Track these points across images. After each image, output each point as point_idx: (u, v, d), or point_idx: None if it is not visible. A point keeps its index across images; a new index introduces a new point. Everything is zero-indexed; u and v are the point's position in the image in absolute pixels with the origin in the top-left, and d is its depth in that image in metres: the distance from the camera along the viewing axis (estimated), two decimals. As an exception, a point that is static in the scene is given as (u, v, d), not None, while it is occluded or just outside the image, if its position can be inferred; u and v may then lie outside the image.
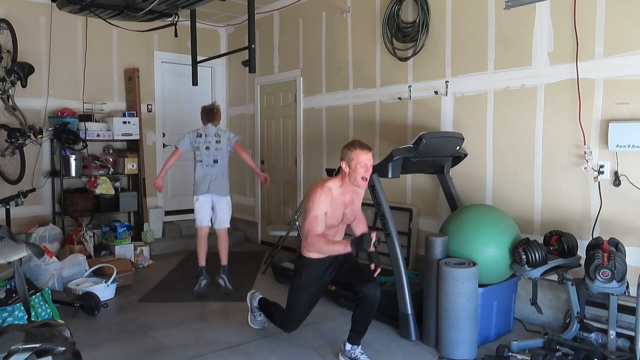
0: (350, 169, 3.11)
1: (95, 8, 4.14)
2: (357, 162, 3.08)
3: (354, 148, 3.11)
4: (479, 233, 3.36)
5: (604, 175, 3.44)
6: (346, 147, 3.16)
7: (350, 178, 3.13)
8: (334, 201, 3.17)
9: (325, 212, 3.13)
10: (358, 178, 3.11)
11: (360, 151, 3.09)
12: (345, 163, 3.13)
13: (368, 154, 3.11)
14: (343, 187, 3.20)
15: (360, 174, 3.09)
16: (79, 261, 4.75)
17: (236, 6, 6.00)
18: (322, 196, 3.13)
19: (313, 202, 3.13)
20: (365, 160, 3.09)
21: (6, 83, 5.28)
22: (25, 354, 1.78)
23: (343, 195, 3.21)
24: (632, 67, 3.29)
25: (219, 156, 4.71)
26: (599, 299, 3.19)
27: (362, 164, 3.09)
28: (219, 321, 3.96)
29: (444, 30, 4.39)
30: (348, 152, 3.12)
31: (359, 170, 3.09)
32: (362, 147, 3.11)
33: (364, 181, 3.13)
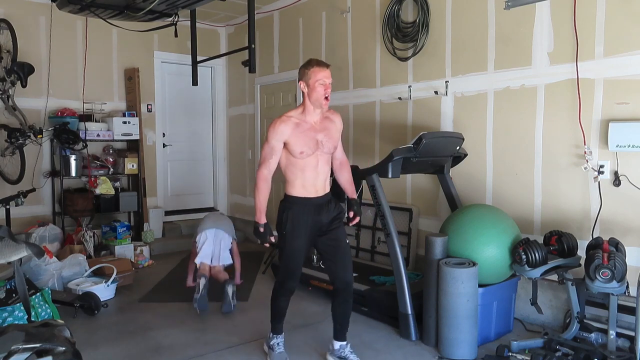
0: (309, 89, 2.95)
1: (95, 8, 4.14)
2: (315, 79, 2.92)
3: (311, 66, 2.95)
4: (479, 233, 3.36)
5: (604, 175, 3.44)
6: (303, 66, 3.00)
7: (311, 99, 2.97)
8: (299, 127, 2.99)
9: (285, 141, 2.97)
10: (319, 97, 2.94)
11: (317, 68, 2.93)
12: (303, 83, 2.97)
13: (326, 71, 2.96)
14: (306, 113, 3.03)
15: (319, 92, 2.94)
16: (79, 261, 4.75)
17: (236, 6, 6.00)
18: (279, 125, 2.98)
19: (269, 132, 3.01)
20: (324, 77, 2.94)
21: (6, 83, 5.28)
22: (25, 354, 1.78)
23: (307, 118, 3.03)
24: (632, 67, 3.29)
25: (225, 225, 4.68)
26: (599, 299, 3.19)
27: (321, 82, 2.94)
28: (219, 321, 3.96)
29: (444, 30, 4.39)
30: (305, 70, 2.96)
31: (317, 89, 2.93)
32: (319, 64, 2.95)
33: (325, 101, 2.99)
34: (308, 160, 3.03)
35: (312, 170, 3.07)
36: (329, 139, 3.08)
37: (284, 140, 2.98)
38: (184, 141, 7.13)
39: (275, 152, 3.01)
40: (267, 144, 3.02)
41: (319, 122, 3.06)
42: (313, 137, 3.03)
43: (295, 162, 3.03)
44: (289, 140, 2.98)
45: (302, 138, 2.99)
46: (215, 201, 7.43)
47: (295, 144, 2.98)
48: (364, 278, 4.30)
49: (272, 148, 3.00)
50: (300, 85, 3.00)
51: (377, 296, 3.93)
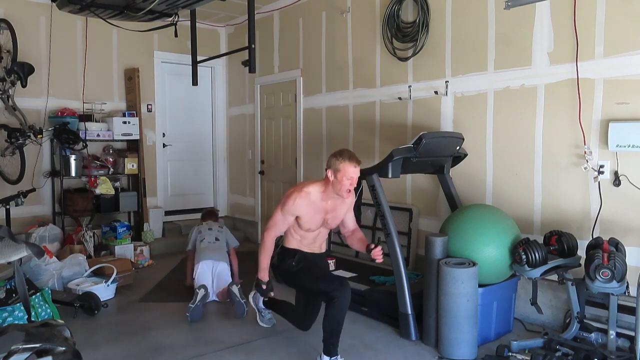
0: (336, 180, 3.05)
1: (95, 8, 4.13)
2: (343, 174, 3.02)
3: (343, 159, 3.03)
4: (479, 233, 3.36)
5: (604, 175, 3.44)
6: (334, 155, 3.09)
7: (335, 188, 3.09)
8: (313, 206, 3.16)
9: (298, 215, 3.16)
10: (342, 190, 3.06)
11: (348, 163, 3.02)
12: (331, 172, 3.07)
13: (356, 168, 3.05)
14: (325, 193, 3.16)
15: (345, 186, 3.05)
16: (79, 261, 4.75)
17: (236, 6, 6.00)
18: (296, 200, 3.13)
19: (286, 203, 3.16)
20: (352, 173, 3.04)
21: (6, 83, 5.28)
22: (25, 354, 1.78)
23: (324, 200, 3.19)
24: (632, 67, 3.29)
25: (221, 237, 4.80)
26: (599, 299, 3.19)
27: (348, 177, 3.03)
28: (219, 321, 3.96)
29: (444, 30, 4.39)
30: (336, 161, 3.05)
31: (344, 183, 3.04)
32: (350, 160, 3.04)
33: (348, 193, 3.10)
34: (311, 233, 3.29)
35: (311, 239, 3.32)
36: (334, 219, 3.31)
37: (297, 214, 3.17)
38: (184, 141, 7.13)
39: (286, 223, 3.22)
40: (280, 213, 3.19)
41: (330, 203, 3.23)
42: (322, 217, 3.24)
43: (299, 231, 3.26)
44: (301, 217, 3.18)
45: (312, 217, 3.19)
46: (215, 201, 7.43)
47: (305, 221, 3.19)
48: (364, 278, 4.30)
49: (284, 219, 3.20)
50: (327, 172, 3.10)
51: (377, 296, 3.93)
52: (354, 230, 3.45)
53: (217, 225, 4.94)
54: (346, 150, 3.12)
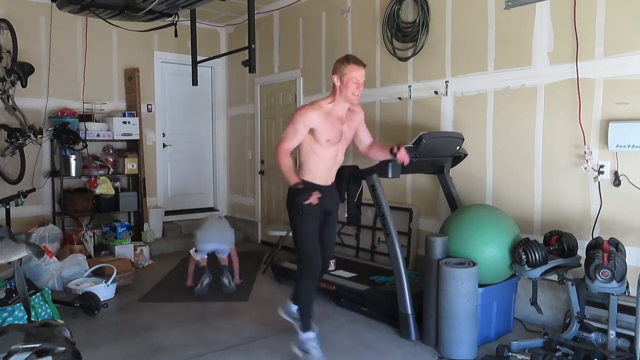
0: (342, 84, 3.03)
1: (95, 8, 4.14)
2: (349, 77, 3.01)
3: (348, 62, 3.02)
4: (479, 233, 3.36)
5: (604, 175, 3.44)
6: (339, 60, 3.06)
7: (342, 93, 3.06)
8: (328, 117, 3.09)
9: (312, 127, 3.06)
10: (349, 94, 3.05)
11: (354, 66, 3.01)
12: (337, 77, 3.04)
13: (361, 70, 3.04)
14: (335, 103, 3.12)
15: (351, 89, 3.03)
16: (79, 261, 4.75)
17: (236, 6, 6.00)
18: (309, 111, 3.06)
19: (296, 115, 3.09)
20: (358, 76, 3.02)
21: (6, 83, 5.28)
22: (25, 354, 1.78)
23: (337, 111, 3.13)
24: (632, 67, 3.29)
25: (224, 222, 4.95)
26: (599, 299, 3.19)
27: (355, 80, 3.02)
28: (219, 321, 3.96)
29: (444, 30, 4.39)
30: (341, 65, 3.02)
31: (350, 86, 3.02)
32: (356, 62, 3.02)
33: (355, 97, 3.08)
34: (330, 149, 3.15)
35: (331, 160, 3.21)
36: (350, 130, 3.26)
37: (311, 126, 3.06)
38: (184, 141, 7.13)
39: (298, 135, 3.08)
40: (291, 125, 3.07)
41: (344, 113, 3.17)
42: (339, 127, 3.16)
43: (318, 150, 3.13)
44: (317, 128, 3.06)
45: (329, 127, 3.10)
46: (215, 201, 7.43)
47: (322, 132, 3.08)
48: (364, 278, 4.30)
49: (296, 131, 3.07)
50: (334, 78, 3.07)
51: (377, 296, 3.93)
52: (372, 143, 3.42)
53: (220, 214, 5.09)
54: (351, 55, 3.09)
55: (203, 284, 4.54)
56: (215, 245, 4.61)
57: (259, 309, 4.20)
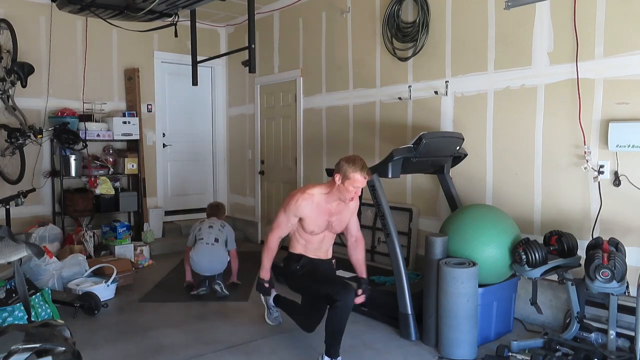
0: (343, 186, 3.05)
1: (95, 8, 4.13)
2: (351, 182, 3.01)
3: (355, 169, 3.00)
4: (479, 233, 3.36)
5: (604, 175, 3.44)
6: (347, 162, 3.04)
7: (339, 192, 3.10)
8: (317, 208, 3.17)
9: (302, 217, 3.18)
10: (346, 196, 3.09)
11: (359, 175, 3.00)
12: (339, 177, 3.05)
13: (365, 179, 3.04)
14: (329, 196, 3.17)
15: (350, 193, 3.06)
16: (79, 261, 4.75)
17: (236, 6, 6.00)
18: (299, 201, 3.16)
19: (289, 204, 3.19)
20: (360, 184, 3.04)
21: (6, 83, 5.28)
22: (25, 354, 1.78)
23: (328, 203, 3.20)
24: (632, 67, 3.29)
25: (220, 237, 4.62)
26: (599, 299, 3.19)
27: (355, 186, 3.04)
28: (219, 321, 3.96)
29: (444, 30, 4.39)
30: (347, 169, 3.01)
31: (349, 190, 3.04)
32: (362, 171, 3.01)
33: (349, 202, 3.14)
34: (315, 237, 3.28)
35: (317, 243, 3.34)
36: (339, 222, 3.31)
37: (300, 216, 3.19)
38: (184, 141, 7.13)
39: (289, 224, 3.24)
40: (283, 214, 3.22)
41: (335, 206, 3.23)
42: (327, 219, 3.25)
43: (303, 235, 3.29)
44: (304, 218, 3.19)
45: (316, 219, 3.20)
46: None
47: (309, 223, 3.20)
48: (364, 278, 4.30)
49: (288, 220, 3.22)
50: (335, 176, 3.09)
51: (377, 296, 3.92)
52: (357, 239, 3.44)
53: (219, 224, 4.73)
54: (359, 159, 3.07)
55: (199, 292, 4.51)
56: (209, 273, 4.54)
57: (259, 309, 4.19)
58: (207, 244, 4.52)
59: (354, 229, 3.42)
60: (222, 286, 4.51)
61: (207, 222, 4.76)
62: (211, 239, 4.57)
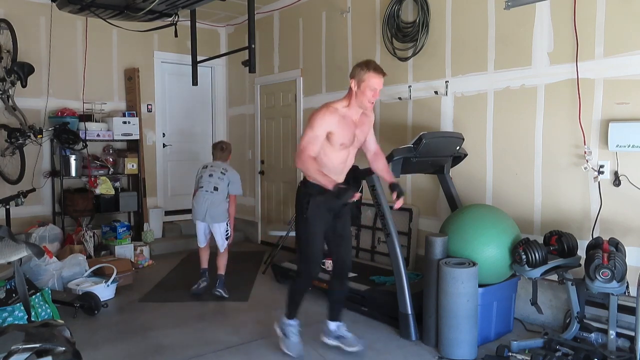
0: (359, 90, 2.98)
1: (95, 8, 4.14)
2: (367, 84, 2.95)
3: (368, 69, 2.95)
4: (479, 233, 3.36)
5: (604, 175, 3.44)
6: (359, 65, 2.99)
7: (357, 99, 3.02)
8: (343, 120, 3.05)
9: (329, 131, 3.00)
10: (365, 101, 3.00)
11: (373, 73, 2.95)
12: (354, 82, 2.99)
13: (381, 78, 2.99)
14: (350, 107, 3.08)
15: (367, 97, 2.99)
16: (79, 261, 4.75)
17: (236, 6, 6.00)
18: (326, 115, 3.02)
19: (315, 119, 3.02)
20: (376, 84, 2.97)
21: (6, 83, 5.28)
22: (25, 354, 1.78)
23: (351, 115, 3.09)
24: (632, 67, 3.29)
25: (221, 185, 4.56)
26: (599, 299, 3.18)
27: (372, 88, 2.97)
28: (219, 321, 3.96)
29: (444, 30, 4.39)
30: (360, 71, 2.97)
31: (367, 93, 2.98)
32: (376, 70, 2.96)
33: (371, 105, 3.05)
34: (341, 153, 3.11)
35: (341, 164, 3.15)
36: (362, 134, 3.22)
37: (329, 130, 3.01)
38: (184, 141, 7.13)
39: (318, 141, 3.00)
40: (310, 131, 3.00)
41: (358, 117, 3.15)
42: (352, 130, 3.11)
43: (330, 153, 3.07)
44: (333, 131, 3.02)
45: (344, 131, 3.06)
46: (215, 201, 7.42)
47: (338, 135, 3.03)
48: (364, 278, 4.30)
49: (316, 137, 2.99)
50: (351, 82, 3.01)
51: (377, 296, 3.93)
52: (376, 152, 3.37)
53: (220, 171, 4.58)
54: (372, 61, 3.03)
55: (200, 286, 4.58)
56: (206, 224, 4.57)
57: (259, 309, 4.20)
58: (207, 191, 4.51)
59: (372, 144, 3.35)
60: (222, 292, 4.50)
61: (208, 170, 4.64)
62: (210, 187, 4.53)
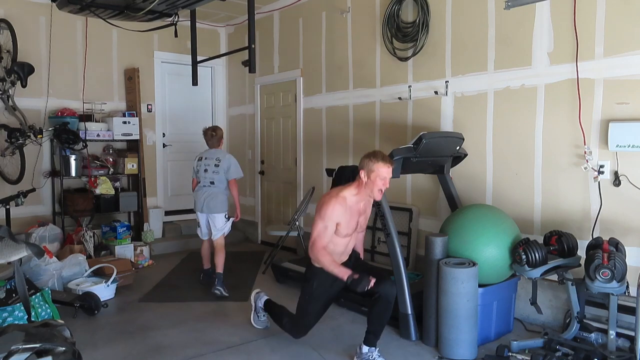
0: (369, 180, 3.07)
1: (95, 8, 4.13)
2: (377, 174, 3.04)
3: (377, 160, 3.05)
4: (479, 233, 3.36)
5: (604, 175, 3.44)
6: (368, 157, 3.09)
7: (367, 189, 3.10)
8: (349, 210, 3.15)
9: (338, 222, 3.11)
10: (375, 190, 3.09)
11: (382, 164, 3.04)
12: (364, 173, 3.08)
13: (389, 168, 3.08)
14: (359, 196, 3.17)
15: (378, 186, 3.07)
16: (79, 261, 4.75)
17: (236, 6, 6.00)
18: (336, 207, 3.10)
19: (325, 212, 3.10)
20: (386, 174, 3.06)
21: (6, 83, 5.28)
22: (25, 354, 1.78)
23: (358, 203, 3.20)
24: (632, 67, 3.29)
25: (216, 179, 4.73)
26: (599, 299, 3.19)
27: (382, 177, 3.05)
28: (219, 321, 3.96)
29: (444, 30, 4.39)
30: (369, 162, 3.06)
31: (377, 183, 3.06)
32: (384, 161, 3.06)
33: (380, 193, 3.12)
34: (344, 239, 3.21)
35: (342, 247, 3.25)
36: (365, 220, 3.33)
37: (338, 221, 3.11)
38: (184, 141, 7.12)
39: (328, 232, 3.10)
40: (321, 222, 3.10)
41: (362, 205, 3.23)
42: (356, 219, 3.22)
43: (335, 239, 3.17)
44: (340, 223, 3.12)
45: (349, 221, 3.16)
46: (215, 201, 7.41)
47: (344, 226, 3.14)
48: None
49: (326, 228, 3.10)
50: (361, 173, 3.09)
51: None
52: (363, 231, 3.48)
53: (214, 163, 4.73)
54: (379, 152, 3.13)
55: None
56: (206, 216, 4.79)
57: (259, 309, 4.20)
58: (204, 186, 4.75)
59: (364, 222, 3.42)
60: (221, 290, 4.54)
61: (203, 164, 4.80)
62: (207, 182, 4.74)
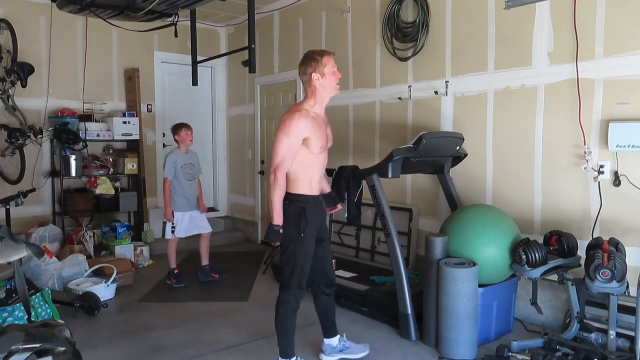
0: (324, 78, 2.87)
1: (95, 8, 4.13)
2: (328, 69, 2.87)
3: (320, 55, 2.88)
4: (479, 233, 3.36)
5: (604, 175, 3.44)
6: (309, 57, 2.90)
7: (326, 88, 2.90)
8: (315, 122, 2.88)
9: (306, 137, 2.82)
10: (334, 85, 2.91)
11: (327, 57, 2.89)
12: (317, 74, 2.86)
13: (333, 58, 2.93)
14: (317, 105, 2.93)
15: (336, 76, 2.91)
16: (79, 261, 4.76)
17: (236, 6, 6.00)
18: (301, 119, 2.80)
19: (290, 126, 2.79)
20: (333, 64, 2.91)
21: (6, 83, 5.28)
22: (25, 354, 1.78)
23: (320, 113, 2.96)
24: (632, 67, 3.29)
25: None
26: (599, 299, 3.19)
27: (332, 69, 2.89)
28: (219, 321, 3.96)
29: (444, 30, 4.39)
30: (315, 62, 2.87)
31: (332, 77, 2.89)
32: (327, 53, 2.91)
33: (338, 87, 2.96)
34: (322, 155, 2.97)
35: (321, 167, 3.00)
36: (330, 133, 3.09)
37: (304, 136, 2.82)
38: (184, 141, 7.12)
39: (294, 151, 2.82)
40: (286, 139, 2.79)
41: (323, 116, 3.03)
42: (324, 130, 2.97)
43: (309, 160, 2.90)
44: (309, 136, 2.83)
45: (318, 133, 2.89)
46: (215, 201, 7.43)
47: (315, 139, 2.86)
48: (364, 278, 4.30)
49: (291, 146, 2.79)
50: (313, 76, 2.87)
51: (377, 296, 3.93)
52: None
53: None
54: (315, 49, 2.98)
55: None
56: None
57: (259, 309, 4.20)
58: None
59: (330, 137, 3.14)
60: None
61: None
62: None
